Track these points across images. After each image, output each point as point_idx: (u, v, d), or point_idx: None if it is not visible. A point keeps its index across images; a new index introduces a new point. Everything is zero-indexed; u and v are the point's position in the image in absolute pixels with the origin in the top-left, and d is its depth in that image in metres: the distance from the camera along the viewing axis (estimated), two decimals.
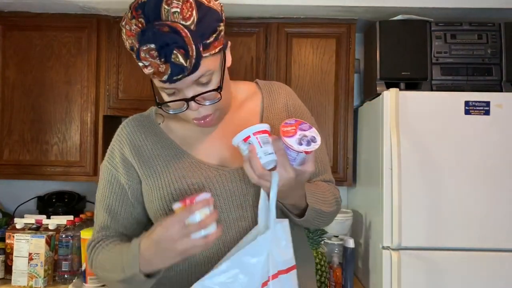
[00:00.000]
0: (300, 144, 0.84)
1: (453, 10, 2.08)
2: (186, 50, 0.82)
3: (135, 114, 1.10)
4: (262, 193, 0.90)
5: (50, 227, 2.09)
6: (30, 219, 2.15)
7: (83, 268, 1.95)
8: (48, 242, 1.99)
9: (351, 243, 2.04)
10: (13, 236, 2.01)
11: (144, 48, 0.82)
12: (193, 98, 0.90)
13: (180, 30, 0.82)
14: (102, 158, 2.24)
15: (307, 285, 1.06)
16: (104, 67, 2.25)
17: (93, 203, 2.52)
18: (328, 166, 1.13)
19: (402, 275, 1.75)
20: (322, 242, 2.05)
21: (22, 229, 2.07)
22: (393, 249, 1.76)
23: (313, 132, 0.86)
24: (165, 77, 0.84)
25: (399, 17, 2.05)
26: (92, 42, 2.24)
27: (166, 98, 0.94)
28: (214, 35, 0.87)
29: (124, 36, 0.88)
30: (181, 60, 0.82)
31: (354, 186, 2.37)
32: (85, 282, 1.93)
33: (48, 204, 2.42)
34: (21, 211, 2.42)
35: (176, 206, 0.86)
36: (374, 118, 1.98)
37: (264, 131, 0.86)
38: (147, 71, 0.85)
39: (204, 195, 0.85)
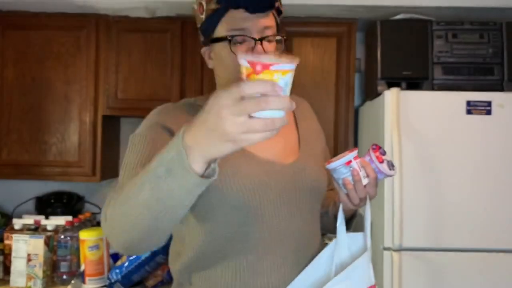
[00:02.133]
0: (390, 168, 0.96)
1: (454, 9, 2.07)
2: None
3: (134, 114, 1.09)
4: (340, 210, 0.99)
5: (49, 228, 2.08)
6: (29, 220, 2.13)
7: (81, 269, 1.94)
8: (46, 243, 1.98)
9: None
10: (12, 237, 2.00)
11: None
12: (261, 40, 0.94)
13: None
14: (101, 158, 2.25)
15: None
16: (103, 66, 2.24)
17: (92, 203, 2.53)
18: None
19: (403, 276, 1.74)
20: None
21: (21, 230, 2.06)
22: (394, 250, 1.75)
23: (389, 157, 0.98)
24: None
25: (400, 16, 2.04)
26: (91, 41, 2.23)
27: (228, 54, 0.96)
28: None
29: None
30: None
31: None
32: (84, 282, 1.92)
33: (46, 205, 2.41)
34: (20, 212, 2.41)
35: (242, 61, 0.59)
36: (375, 118, 1.97)
37: (357, 156, 0.95)
38: None
39: (286, 65, 0.59)
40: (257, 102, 0.56)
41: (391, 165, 0.96)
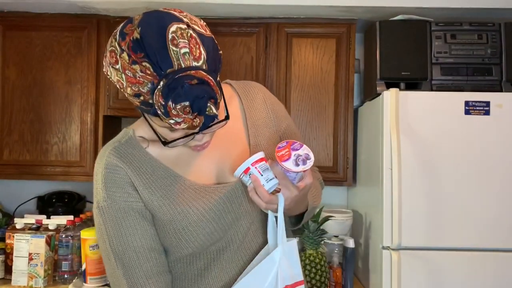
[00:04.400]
0: (297, 165, 0.89)
1: (453, 10, 2.08)
2: (215, 98, 0.80)
3: (135, 114, 1.05)
4: (270, 214, 0.96)
5: (50, 227, 2.09)
6: (30, 219, 2.15)
7: (83, 268, 1.95)
8: (48, 242, 1.99)
9: (351, 243, 2.04)
10: (13, 236, 2.02)
11: (179, 106, 0.77)
12: (202, 130, 0.85)
13: (207, 78, 0.78)
14: None
15: None
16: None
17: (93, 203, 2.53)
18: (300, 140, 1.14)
19: (402, 275, 1.75)
20: (322, 242, 2.05)
21: (22, 229, 2.07)
22: (393, 249, 1.76)
23: (305, 150, 0.91)
24: (197, 129, 0.83)
25: (399, 17, 2.05)
26: (92, 42, 2.25)
27: (167, 132, 0.88)
28: (220, 64, 0.86)
29: (123, 81, 0.80)
30: (214, 110, 0.81)
31: (354, 186, 2.37)
32: (85, 282, 1.93)
33: (48, 204, 2.42)
34: (21, 211, 2.42)
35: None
36: (374, 118, 1.98)
37: (260, 160, 0.91)
38: (179, 127, 0.80)
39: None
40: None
41: (301, 160, 0.89)
